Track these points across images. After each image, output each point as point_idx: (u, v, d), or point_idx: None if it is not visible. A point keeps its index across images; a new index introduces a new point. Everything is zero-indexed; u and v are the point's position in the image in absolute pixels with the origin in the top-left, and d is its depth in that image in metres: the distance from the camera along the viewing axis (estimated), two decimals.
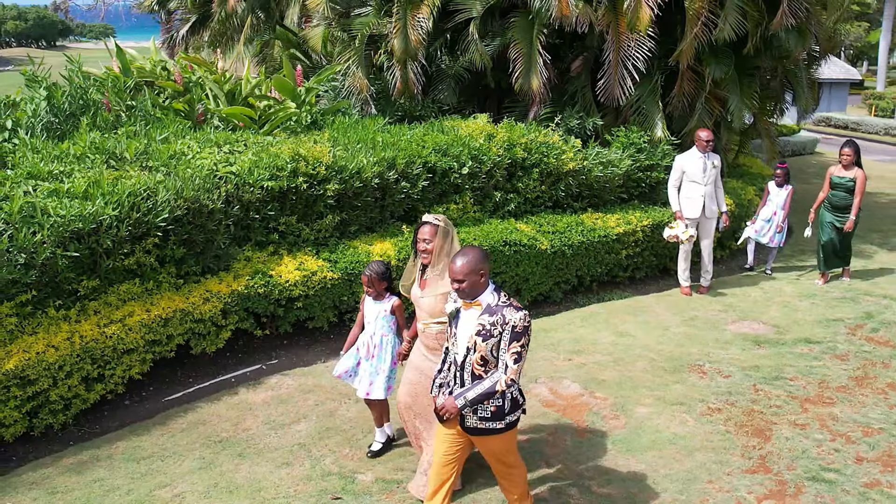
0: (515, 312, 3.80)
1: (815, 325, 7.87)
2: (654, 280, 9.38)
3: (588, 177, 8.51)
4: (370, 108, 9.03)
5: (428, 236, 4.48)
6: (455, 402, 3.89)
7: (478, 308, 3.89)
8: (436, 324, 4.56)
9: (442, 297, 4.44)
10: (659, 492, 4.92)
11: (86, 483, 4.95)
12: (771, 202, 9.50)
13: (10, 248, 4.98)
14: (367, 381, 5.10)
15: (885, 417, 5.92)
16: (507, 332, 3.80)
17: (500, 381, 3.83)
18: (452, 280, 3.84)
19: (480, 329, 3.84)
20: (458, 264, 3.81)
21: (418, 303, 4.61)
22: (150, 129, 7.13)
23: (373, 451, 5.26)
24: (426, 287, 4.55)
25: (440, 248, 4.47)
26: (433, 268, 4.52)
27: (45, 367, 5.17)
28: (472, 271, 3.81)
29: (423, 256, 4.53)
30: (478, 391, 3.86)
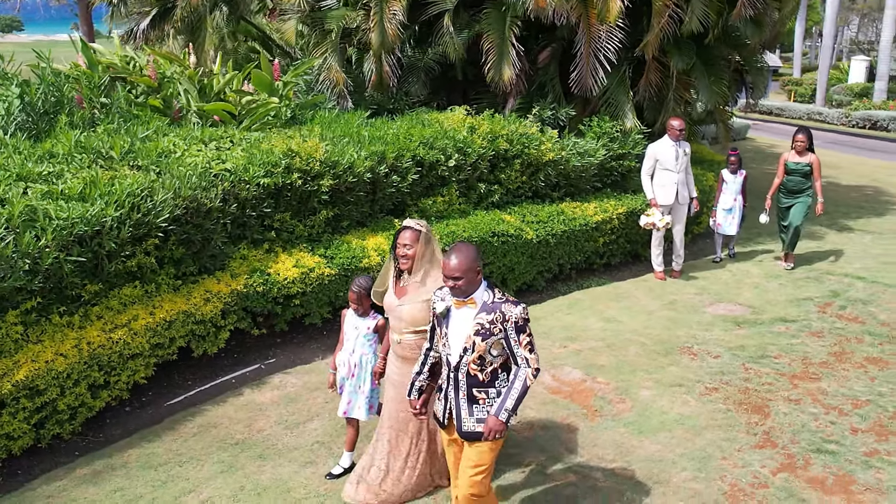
0: (514, 307, 3.72)
1: (788, 304, 8.24)
2: (628, 266, 9.62)
3: (566, 167, 8.66)
4: (346, 102, 8.95)
5: (409, 242, 4.27)
6: (499, 419, 3.73)
7: (472, 306, 3.77)
8: (412, 333, 4.37)
9: (423, 304, 4.26)
10: (679, 470, 5.09)
11: (106, 494, 4.81)
12: (728, 190, 9.62)
13: (15, 254, 4.77)
14: (346, 400, 4.91)
15: (869, 390, 6.26)
16: (511, 329, 3.72)
17: (528, 376, 3.76)
18: (447, 277, 3.69)
19: (479, 328, 3.73)
20: (455, 261, 3.66)
21: (394, 311, 4.38)
22: (131, 126, 6.91)
23: (332, 475, 4.96)
24: (405, 294, 4.35)
25: (421, 254, 4.28)
26: (412, 275, 4.33)
27: (53, 377, 4.99)
28: (469, 268, 3.69)
29: (402, 262, 4.32)
30: (514, 397, 3.75)
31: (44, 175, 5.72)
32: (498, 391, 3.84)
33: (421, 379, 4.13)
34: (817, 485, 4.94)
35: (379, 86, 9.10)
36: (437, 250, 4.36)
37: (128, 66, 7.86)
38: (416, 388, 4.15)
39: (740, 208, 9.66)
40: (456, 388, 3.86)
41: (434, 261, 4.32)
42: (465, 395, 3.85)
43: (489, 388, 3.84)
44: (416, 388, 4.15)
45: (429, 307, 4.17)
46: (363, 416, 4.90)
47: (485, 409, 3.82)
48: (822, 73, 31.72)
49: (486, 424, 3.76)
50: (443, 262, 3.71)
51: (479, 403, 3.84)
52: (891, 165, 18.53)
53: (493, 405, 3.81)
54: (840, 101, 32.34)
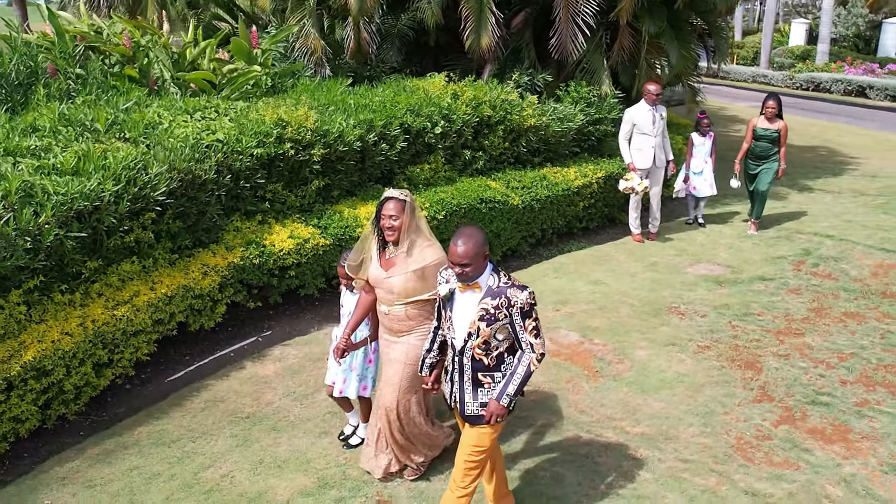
0: (520, 292, 3.62)
1: (764, 263, 8.50)
2: (605, 230, 9.77)
3: (547, 132, 8.71)
4: (324, 70, 8.79)
5: (394, 212, 4.16)
6: (500, 403, 3.70)
7: (476, 291, 3.68)
8: (402, 305, 4.27)
9: (413, 274, 4.19)
10: (686, 426, 5.27)
11: (122, 473, 4.74)
12: (698, 153, 9.66)
13: (15, 232, 4.61)
14: (342, 378, 4.80)
15: (852, 343, 6.54)
16: (517, 314, 3.63)
17: (532, 361, 3.70)
18: (455, 264, 3.58)
19: (484, 314, 3.65)
20: (463, 248, 3.53)
21: (382, 284, 4.26)
22: (112, 97, 6.68)
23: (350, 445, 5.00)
24: (393, 266, 4.24)
25: (407, 225, 4.17)
26: (399, 246, 4.23)
27: (60, 357, 4.87)
28: (477, 254, 3.57)
29: (388, 234, 4.20)
30: (516, 382, 3.70)
31: (31, 149, 5.51)
32: (504, 375, 3.78)
33: (431, 356, 4.10)
34: (817, 435, 5.17)
35: (357, 53, 8.96)
36: (422, 220, 4.29)
37: (99, 35, 7.56)
38: (427, 364, 4.12)
39: (712, 170, 9.75)
40: (461, 372, 3.81)
41: (419, 231, 4.25)
42: (471, 378, 3.80)
43: (494, 373, 3.78)
44: (426, 364, 4.12)
45: (418, 277, 4.17)
46: (353, 395, 4.84)
47: (489, 392, 3.79)
48: (766, 36, 32.30)
49: (488, 408, 3.74)
50: (450, 247, 3.59)
51: (484, 387, 3.80)
52: (837, 126, 19.08)
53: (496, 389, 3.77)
54: (781, 64, 33.06)
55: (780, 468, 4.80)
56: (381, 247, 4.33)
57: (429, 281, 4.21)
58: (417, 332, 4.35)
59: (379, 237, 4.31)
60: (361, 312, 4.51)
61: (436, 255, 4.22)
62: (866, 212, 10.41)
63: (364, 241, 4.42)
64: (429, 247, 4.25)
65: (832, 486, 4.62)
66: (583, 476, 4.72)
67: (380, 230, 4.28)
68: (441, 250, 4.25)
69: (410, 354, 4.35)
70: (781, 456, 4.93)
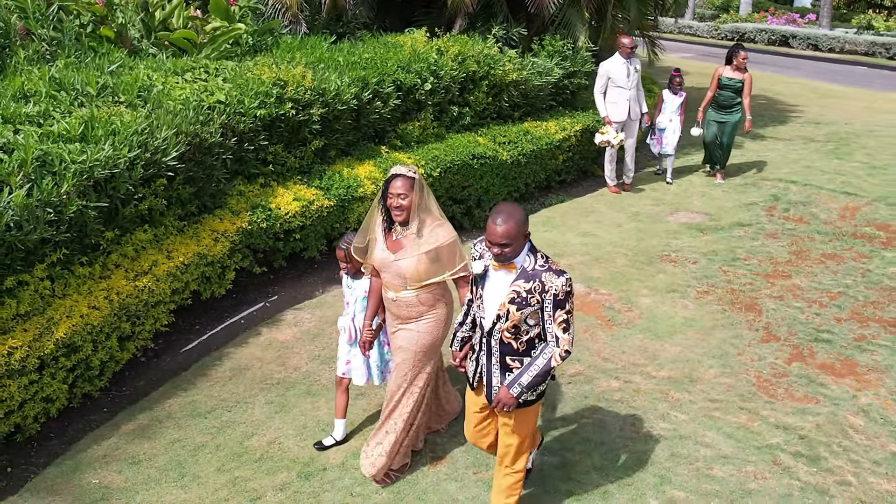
0: (556, 277, 3.33)
1: (738, 209, 8.83)
2: (579, 182, 9.93)
3: (527, 86, 8.73)
4: (300, 27, 8.53)
5: (403, 191, 3.87)
6: (511, 392, 3.47)
7: (511, 271, 3.41)
8: (413, 290, 4.01)
9: (425, 256, 3.93)
10: (706, 368, 5.50)
11: (164, 446, 4.65)
12: (665, 109, 9.67)
13: (38, 204, 4.39)
14: (345, 360, 4.54)
15: (836, 282, 6.91)
16: (549, 301, 3.35)
17: (555, 356, 3.42)
18: (494, 244, 3.30)
19: (514, 296, 3.38)
20: (503, 227, 3.25)
21: (390, 268, 3.99)
22: (96, 59, 6.34)
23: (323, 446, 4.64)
24: (402, 248, 3.97)
25: (417, 203, 3.90)
26: (408, 226, 3.97)
27: (88, 332, 4.70)
28: (519, 233, 3.30)
29: (396, 214, 3.91)
30: (533, 374, 3.44)
31: (29, 116, 5.21)
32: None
33: (463, 330, 3.83)
34: (828, 370, 5.48)
35: (333, 8, 8.73)
36: (431, 197, 4.01)
37: None
38: (459, 338, 3.87)
39: (676, 130, 9.66)
40: (489, 354, 3.57)
41: (429, 210, 3.98)
42: (498, 361, 3.56)
43: (524, 357, 3.54)
44: (458, 338, 3.87)
45: (431, 259, 3.93)
46: (377, 381, 4.60)
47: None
48: None
49: (497, 394, 3.53)
50: (488, 225, 3.31)
51: (513, 371, 3.55)
52: (768, 76, 19.72)
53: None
54: (702, 15, 33.81)
55: (802, 403, 5.09)
56: (386, 228, 4.04)
57: (442, 262, 3.97)
58: (427, 317, 4.11)
59: (385, 219, 4.03)
60: (376, 300, 4.28)
61: (448, 235, 3.97)
62: (820, 157, 10.90)
63: (370, 222, 4.12)
64: (439, 226, 3.98)
65: (853, 416, 4.94)
66: (623, 421, 4.89)
67: (386, 210, 3.99)
68: (452, 229, 4.03)
69: (420, 341, 4.12)
70: (801, 391, 5.22)
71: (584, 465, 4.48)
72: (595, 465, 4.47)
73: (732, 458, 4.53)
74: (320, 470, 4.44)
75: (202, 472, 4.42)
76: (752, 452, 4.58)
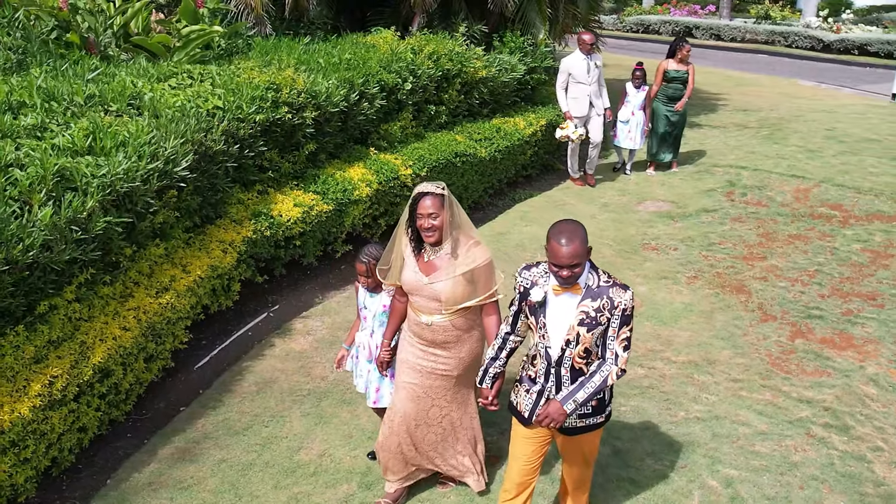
0: (623, 293, 3.21)
1: (699, 196, 9.20)
2: (543, 176, 10.10)
3: (496, 83, 8.82)
4: (265, 28, 8.31)
5: (433, 209, 3.61)
6: (563, 407, 3.27)
7: (575, 292, 3.23)
8: (449, 314, 3.78)
9: (462, 278, 3.70)
10: (718, 350, 5.74)
11: (211, 468, 4.48)
12: (628, 103, 9.80)
13: (66, 222, 4.14)
14: (374, 387, 4.31)
15: (810, 261, 7.33)
16: (617, 317, 3.21)
17: (612, 374, 3.28)
18: (562, 266, 3.11)
19: (584, 318, 3.22)
20: (570, 246, 3.07)
21: (423, 291, 3.75)
22: (76, 66, 6.01)
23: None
24: (435, 270, 3.73)
25: (448, 221, 3.66)
26: (439, 247, 3.73)
27: (121, 354, 4.47)
28: (584, 251, 3.12)
29: (428, 235, 3.67)
30: (588, 391, 3.28)
31: (27, 128, 4.89)
32: None
33: (497, 365, 3.62)
34: (829, 344, 5.83)
35: (295, 9, 8.54)
36: (462, 213, 3.76)
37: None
38: (491, 375, 3.64)
39: (640, 123, 9.82)
40: (558, 385, 3.37)
41: (461, 226, 3.75)
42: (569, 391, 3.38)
43: None
44: (490, 374, 3.64)
45: (467, 281, 3.71)
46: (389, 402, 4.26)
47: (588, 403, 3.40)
48: None
49: (546, 407, 3.32)
50: (551, 247, 3.11)
51: None
52: None
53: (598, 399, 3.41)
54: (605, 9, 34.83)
55: (815, 377, 5.39)
56: (416, 248, 3.79)
57: (478, 285, 3.75)
58: (464, 340, 3.90)
59: (413, 239, 3.79)
60: (397, 321, 4.07)
61: (486, 255, 3.75)
62: (759, 143, 11.48)
63: (396, 244, 3.87)
64: (475, 245, 3.76)
65: (865, 385, 5.27)
66: (658, 406, 5.05)
67: (414, 231, 3.75)
68: (488, 249, 3.82)
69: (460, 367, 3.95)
70: (811, 366, 5.52)
71: (636, 451, 4.61)
72: (647, 451, 4.61)
73: (770, 434, 4.76)
74: (380, 479, 4.37)
75: (259, 491, 4.29)
76: (786, 427, 4.83)
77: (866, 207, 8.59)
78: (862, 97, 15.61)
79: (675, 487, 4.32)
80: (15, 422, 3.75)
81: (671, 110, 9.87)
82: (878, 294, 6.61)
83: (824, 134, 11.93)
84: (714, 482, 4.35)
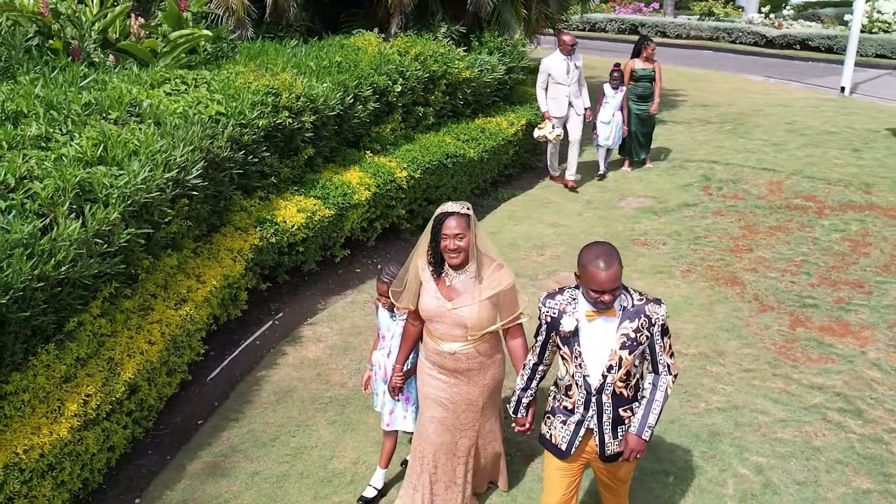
0: (658, 307, 3.17)
1: (678, 191, 9.40)
2: (522, 175, 10.17)
3: (478, 83, 8.85)
4: (247, 31, 8.16)
5: (460, 230, 3.45)
6: (642, 438, 3.23)
7: (610, 316, 3.14)
8: (473, 341, 3.64)
9: (487, 302, 3.56)
10: (725, 341, 5.89)
11: (245, 481, 4.39)
12: (608, 104, 9.76)
13: (92, 235, 4.01)
14: (388, 409, 4.21)
15: (794, 251, 7.56)
16: (658, 332, 3.17)
17: (669, 384, 3.26)
18: (602, 292, 3.01)
19: (625, 340, 3.13)
20: (610, 270, 2.99)
21: (446, 317, 3.60)
22: (67, 73, 5.81)
23: (365, 498, 4.22)
24: (460, 295, 3.58)
25: (472, 243, 3.53)
26: (462, 269, 3.59)
27: (148, 370, 4.36)
28: (621, 273, 3.05)
29: (452, 257, 3.51)
30: (657, 411, 3.23)
31: (31, 138, 4.72)
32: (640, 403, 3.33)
33: (529, 394, 3.53)
34: (828, 331, 6.03)
35: (274, 11, 8.42)
36: (483, 233, 3.66)
37: (11, 2, 6.43)
38: (525, 404, 3.55)
39: (619, 124, 9.83)
40: (599, 413, 3.26)
41: (486, 248, 3.65)
42: (611, 417, 3.28)
43: (633, 403, 3.31)
44: (523, 404, 3.55)
45: (492, 305, 3.59)
46: (410, 427, 4.15)
47: (630, 427, 3.30)
48: None
49: (627, 444, 3.25)
50: (591, 272, 3.00)
51: (625, 423, 3.31)
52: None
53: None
54: None
55: (821, 363, 5.57)
56: (435, 271, 3.64)
57: (503, 308, 3.62)
58: (488, 366, 3.78)
59: (432, 261, 3.63)
60: (409, 346, 3.95)
61: (510, 278, 3.63)
62: (725, 138, 11.78)
63: (412, 266, 3.71)
64: (499, 268, 3.63)
65: (869, 370, 5.47)
66: (679, 398, 5.15)
67: (435, 253, 3.60)
68: (511, 271, 3.71)
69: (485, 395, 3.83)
70: (815, 353, 5.71)
71: (665, 444, 4.69)
72: (676, 444, 4.70)
73: (790, 421, 4.91)
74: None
75: (299, 503, 4.23)
76: (803, 413, 4.98)
77: (838, 198, 8.91)
78: (812, 91, 16.16)
79: (710, 477, 4.42)
80: (54, 444, 3.63)
81: (642, 109, 10.04)
82: (864, 282, 6.86)
83: (785, 127, 12.31)
84: (745, 470, 4.47)
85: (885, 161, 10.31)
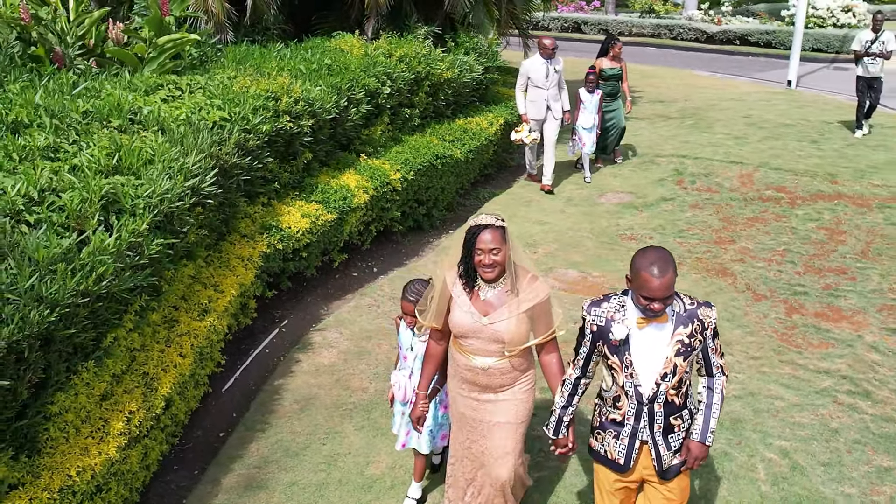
0: (710, 310, 3.12)
1: (654, 186, 9.60)
2: (499, 174, 10.24)
3: (458, 84, 8.88)
4: (226, 35, 7.99)
5: (496, 244, 3.31)
6: (706, 444, 3.18)
7: (662, 322, 3.05)
8: (507, 357, 3.50)
9: (524, 316, 3.43)
10: (729, 331, 6.06)
11: (284, 492, 4.33)
12: (586, 109, 9.74)
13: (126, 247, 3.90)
14: (405, 431, 4.13)
15: (776, 241, 7.82)
16: (710, 335, 3.12)
17: (724, 385, 3.24)
18: (656, 300, 2.92)
19: (680, 347, 3.06)
20: (664, 276, 2.89)
21: (482, 333, 3.45)
22: (52, 81, 5.61)
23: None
24: (496, 309, 3.43)
25: (508, 256, 3.39)
26: (495, 283, 3.44)
27: (181, 383, 4.26)
28: (674, 280, 2.94)
29: (486, 271, 3.36)
30: (716, 414, 3.19)
31: (40, 149, 4.55)
32: (689, 410, 3.24)
33: (570, 412, 3.39)
34: (823, 317, 6.26)
35: (253, 13, 8.27)
36: (516, 244, 3.50)
37: None
38: (566, 423, 3.42)
39: (595, 126, 9.83)
40: (651, 424, 3.16)
41: (517, 257, 3.49)
42: (662, 427, 3.17)
43: (683, 411, 3.21)
44: (564, 423, 3.41)
45: (529, 318, 3.45)
46: (425, 449, 4.12)
47: (679, 435, 3.21)
48: None
49: (689, 452, 3.18)
50: (644, 278, 2.91)
51: (675, 431, 3.20)
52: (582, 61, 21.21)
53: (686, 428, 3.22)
54: None
55: (822, 349, 5.79)
56: (467, 286, 3.48)
57: (538, 322, 3.48)
58: (522, 381, 3.62)
59: (464, 275, 3.47)
60: (433, 367, 3.78)
61: (547, 290, 3.49)
62: (689, 132, 12.08)
63: (438, 281, 3.58)
64: (534, 279, 3.48)
65: (868, 353, 5.71)
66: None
67: (468, 267, 3.43)
68: (547, 283, 3.61)
69: (521, 412, 3.64)
70: (816, 339, 5.93)
71: None
72: None
73: (804, 405, 5.09)
74: None
75: None
76: (815, 397, 5.17)
77: (807, 188, 9.25)
78: (759, 85, 16.69)
79: (740, 463, 4.55)
80: (104, 464, 3.52)
81: (611, 108, 10.20)
82: (846, 268, 7.15)
83: (743, 121, 12.70)
84: (771, 454, 4.62)
85: (844, 152, 10.74)
